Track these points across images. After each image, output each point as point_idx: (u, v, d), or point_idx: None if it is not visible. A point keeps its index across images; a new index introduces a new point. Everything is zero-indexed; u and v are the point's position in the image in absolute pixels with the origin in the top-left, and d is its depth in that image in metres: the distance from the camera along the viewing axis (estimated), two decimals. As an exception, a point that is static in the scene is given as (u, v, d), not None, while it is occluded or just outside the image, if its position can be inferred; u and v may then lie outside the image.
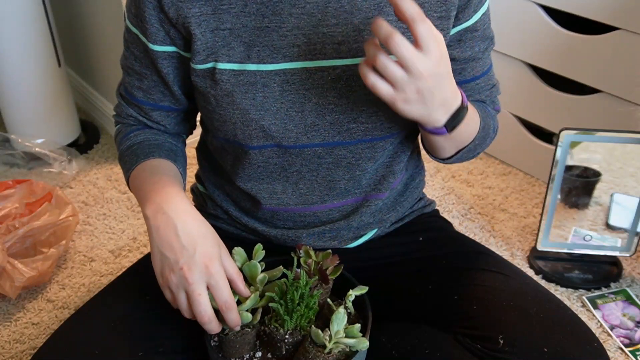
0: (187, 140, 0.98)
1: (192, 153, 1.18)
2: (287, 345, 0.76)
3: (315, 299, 0.76)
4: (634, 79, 1.43)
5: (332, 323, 0.73)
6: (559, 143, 1.29)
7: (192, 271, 0.71)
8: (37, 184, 1.49)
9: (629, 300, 1.34)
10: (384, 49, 0.66)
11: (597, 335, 0.79)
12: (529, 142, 1.73)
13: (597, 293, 1.36)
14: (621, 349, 1.23)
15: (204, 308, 0.71)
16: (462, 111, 0.74)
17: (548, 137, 1.69)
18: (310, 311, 0.76)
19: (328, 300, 0.80)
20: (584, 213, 1.40)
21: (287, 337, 0.76)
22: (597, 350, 0.76)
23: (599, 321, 1.29)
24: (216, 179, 0.96)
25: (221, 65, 0.77)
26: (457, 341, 0.80)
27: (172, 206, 0.75)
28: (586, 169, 1.36)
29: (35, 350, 0.81)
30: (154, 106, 0.88)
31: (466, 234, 1.19)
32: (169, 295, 0.74)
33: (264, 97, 0.78)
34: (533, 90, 1.66)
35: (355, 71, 0.78)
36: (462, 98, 0.74)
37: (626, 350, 1.23)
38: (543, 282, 1.39)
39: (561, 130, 1.28)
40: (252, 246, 0.81)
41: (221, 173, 0.94)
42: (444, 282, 0.87)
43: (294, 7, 0.75)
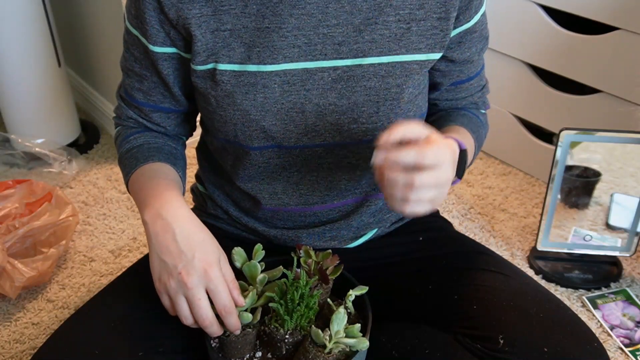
0: (187, 140, 0.98)
1: (192, 153, 1.18)
2: (287, 345, 0.76)
3: (315, 299, 0.76)
4: (634, 79, 1.43)
5: (332, 323, 0.73)
6: (559, 143, 1.29)
7: (191, 276, 0.71)
8: (37, 184, 1.49)
9: (629, 300, 1.34)
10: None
11: (597, 335, 0.79)
12: (529, 142, 1.73)
13: (597, 293, 1.36)
14: (621, 349, 1.23)
15: (204, 312, 0.71)
16: (464, 156, 0.76)
17: (548, 137, 1.69)
18: (310, 311, 0.76)
19: (328, 300, 0.80)
20: (584, 213, 1.40)
21: (287, 337, 0.76)
22: (597, 350, 0.76)
23: (599, 321, 1.29)
24: (216, 179, 0.96)
25: (221, 66, 0.77)
26: (457, 341, 0.80)
27: (170, 212, 0.74)
28: (586, 169, 1.36)
29: (35, 350, 0.81)
30: (154, 108, 0.88)
31: (466, 234, 1.19)
32: (166, 301, 0.74)
33: (264, 97, 0.78)
34: (533, 90, 1.66)
35: (356, 71, 0.78)
36: (459, 144, 0.75)
37: (626, 350, 1.23)
38: (543, 282, 1.39)
39: (561, 130, 1.28)
40: (252, 246, 0.81)
41: (221, 173, 0.94)
42: (444, 282, 0.87)
43: (294, 7, 0.75)
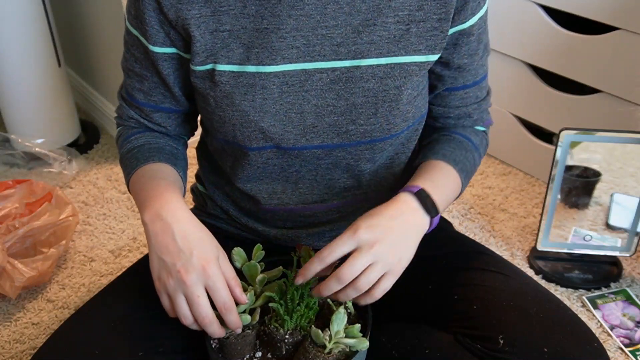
0: (188, 140, 0.98)
1: (192, 153, 1.18)
2: (287, 345, 0.76)
3: (315, 299, 0.76)
4: (634, 79, 1.43)
5: (332, 323, 0.73)
6: (559, 143, 1.29)
7: (190, 273, 0.71)
8: (37, 184, 1.49)
9: (629, 300, 1.34)
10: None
11: (597, 335, 0.79)
12: (529, 142, 1.73)
13: (597, 293, 1.36)
14: (621, 349, 1.23)
15: (204, 310, 0.71)
16: (425, 198, 0.78)
17: (548, 137, 1.69)
18: (310, 311, 0.76)
19: (328, 300, 0.80)
20: (584, 213, 1.40)
21: (287, 337, 0.76)
22: (597, 350, 0.76)
23: (599, 321, 1.29)
24: (216, 179, 0.96)
25: (220, 67, 0.77)
26: (457, 341, 0.80)
27: (169, 212, 0.75)
28: (586, 169, 1.36)
29: (35, 350, 0.81)
30: (154, 108, 0.88)
31: (466, 234, 1.19)
32: (166, 301, 0.74)
33: (263, 98, 0.78)
34: (533, 90, 1.66)
35: (355, 73, 0.78)
36: (410, 189, 0.79)
37: (626, 350, 1.23)
38: (543, 282, 1.39)
39: (561, 130, 1.28)
40: (252, 246, 0.81)
41: (221, 173, 0.94)
42: (444, 282, 0.87)
43: (292, 8, 0.75)
